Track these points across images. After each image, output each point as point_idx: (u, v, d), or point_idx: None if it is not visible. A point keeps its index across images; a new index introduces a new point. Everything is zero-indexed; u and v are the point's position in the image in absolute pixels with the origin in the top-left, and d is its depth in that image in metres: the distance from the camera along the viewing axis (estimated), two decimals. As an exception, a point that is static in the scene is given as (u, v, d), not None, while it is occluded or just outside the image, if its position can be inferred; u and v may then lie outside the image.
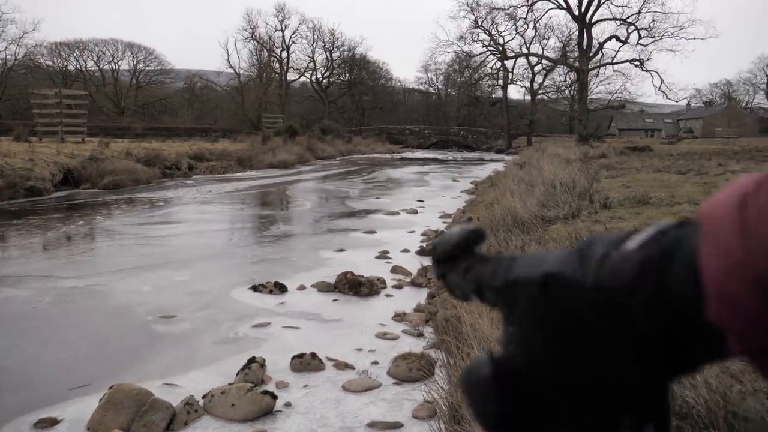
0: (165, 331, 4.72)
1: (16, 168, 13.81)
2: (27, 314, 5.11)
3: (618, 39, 37.84)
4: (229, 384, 3.56)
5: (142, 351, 4.32)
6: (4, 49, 39.84)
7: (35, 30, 57.04)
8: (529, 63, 46.30)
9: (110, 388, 3.33)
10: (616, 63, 39.76)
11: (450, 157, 36.80)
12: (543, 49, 44.69)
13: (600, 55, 39.38)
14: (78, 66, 56.30)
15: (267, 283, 5.91)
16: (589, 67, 38.11)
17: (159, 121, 51.82)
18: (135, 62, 58.08)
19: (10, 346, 4.34)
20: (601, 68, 41.56)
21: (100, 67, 57.49)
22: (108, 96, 55.96)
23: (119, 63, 57.73)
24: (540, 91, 47.97)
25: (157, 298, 5.59)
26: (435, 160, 33.01)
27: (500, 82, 48.90)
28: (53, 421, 3.22)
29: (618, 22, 37.61)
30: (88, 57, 56.59)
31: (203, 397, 3.43)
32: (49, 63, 53.29)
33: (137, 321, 4.96)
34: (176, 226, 9.97)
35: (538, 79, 47.58)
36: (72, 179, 15.52)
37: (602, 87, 47.00)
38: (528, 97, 50.11)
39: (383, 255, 7.59)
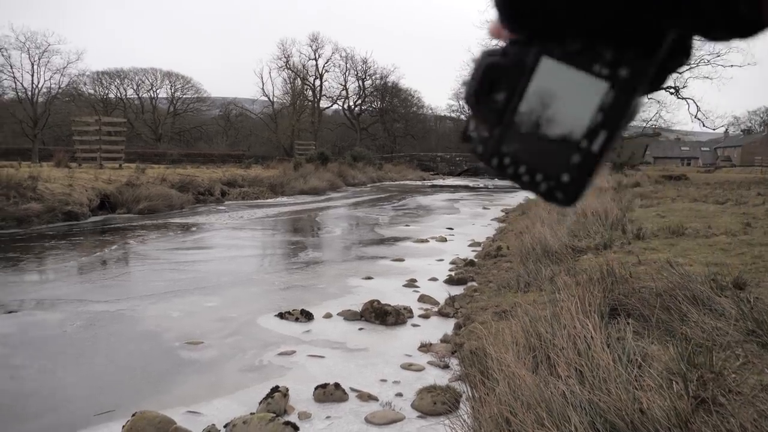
0: (191, 358, 4.74)
1: (55, 193, 14.25)
2: (57, 338, 5.20)
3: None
4: (252, 413, 3.53)
5: (167, 377, 4.33)
6: (49, 79, 41.53)
7: (79, 60, 59.42)
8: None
9: (133, 415, 3.34)
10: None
11: (481, 185, 36.64)
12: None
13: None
14: (118, 94, 58.30)
15: (293, 310, 5.90)
16: (623, 94, 37.80)
17: (194, 147, 53.10)
18: (173, 90, 59.85)
19: (40, 370, 4.42)
20: (636, 96, 41.18)
21: (140, 95, 59.40)
22: (146, 123, 57.66)
23: (158, 91, 59.58)
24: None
25: (185, 324, 5.63)
26: (466, 188, 32.91)
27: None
28: (77, 447, 3.23)
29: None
30: (128, 85, 58.61)
31: (225, 427, 3.41)
32: (91, 91, 55.33)
33: (164, 347, 4.99)
34: (207, 252, 10.10)
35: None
36: (108, 204, 15.93)
37: (637, 115, 46.38)
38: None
39: (411, 283, 7.53)
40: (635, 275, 4.65)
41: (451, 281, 7.61)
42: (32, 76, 40.36)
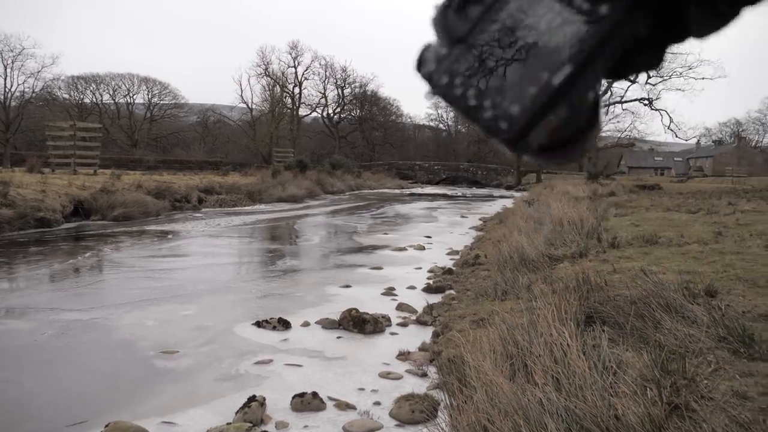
0: (166, 367, 4.67)
1: (27, 199, 13.96)
2: (28, 347, 5.08)
3: (627, 78, 38.25)
4: (228, 423, 3.49)
5: (141, 387, 4.26)
6: (23, 83, 40.82)
7: (53, 64, 58.54)
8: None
9: (106, 426, 3.27)
10: (625, 102, 40.03)
11: (459, 193, 36.87)
12: (552, 87, 45.17)
13: (609, 93, 39.67)
14: (94, 99, 57.48)
15: (271, 319, 5.85)
16: (598, 105, 38.41)
17: (171, 153, 52.54)
18: (150, 96, 59.21)
19: (8, 380, 4.30)
20: (611, 107, 41.86)
21: (116, 100, 58.67)
22: (122, 129, 56.92)
23: (134, 97, 58.91)
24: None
25: (160, 333, 5.55)
26: (444, 196, 33.07)
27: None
28: (47, 459, 3.15)
29: (627, 61, 38.05)
30: (104, 91, 57.84)
31: (200, 437, 3.36)
32: (66, 96, 54.47)
33: (139, 356, 4.91)
34: (184, 259, 9.98)
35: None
36: (82, 211, 15.65)
37: (612, 125, 47.27)
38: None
39: (389, 292, 7.53)
40: (610, 283, 4.72)
41: (429, 289, 7.62)
42: (5, 79, 39.70)
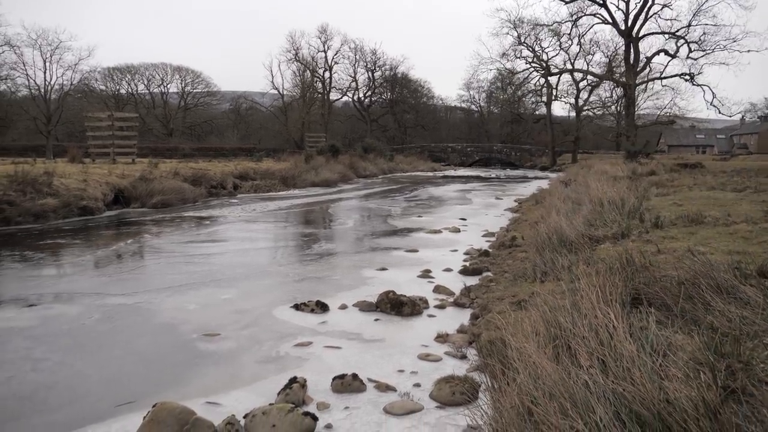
0: (208, 350, 4.75)
1: (70, 188, 14.35)
2: (76, 331, 5.23)
3: (667, 53, 36.71)
4: (270, 404, 3.53)
5: (185, 369, 4.35)
6: (61, 75, 41.74)
7: (90, 56, 59.68)
8: (573, 79, 45.62)
9: (154, 406, 3.34)
10: (665, 77, 38.61)
11: (493, 175, 36.46)
12: (588, 64, 43.92)
13: (648, 69, 38.29)
14: (129, 90, 58.54)
15: (309, 302, 5.90)
16: (637, 82, 37.14)
17: (206, 141, 53.28)
18: (183, 85, 59.99)
19: (60, 362, 4.45)
20: (650, 83, 40.48)
21: (150, 90, 59.62)
22: (157, 118, 57.89)
23: (168, 86, 59.76)
24: (585, 108, 47.11)
25: (201, 316, 5.65)
26: (478, 178, 32.75)
27: (544, 98, 48.29)
28: (98, 438, 3.25)
29: (667, 35, 36.57)
30: (138, 81, 58.82)
31: (244, 417, 3.40)
32: (103, 87, 55.60)
33: (182, 339, 5.01)
34: (221, 245, 10.13)
35: (583, 95, 46.80)
36: (123, 199, 16.03)
37: (650, 102, 45.81)
38: (573, 114, 49.30)
39: (425, 274, 7.50)
40: (655, 264, 4.58)
41: (465, 271, 7.57)
42: (44, 73, 40.62)
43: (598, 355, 2.92)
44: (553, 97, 47.19)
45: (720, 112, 35.53)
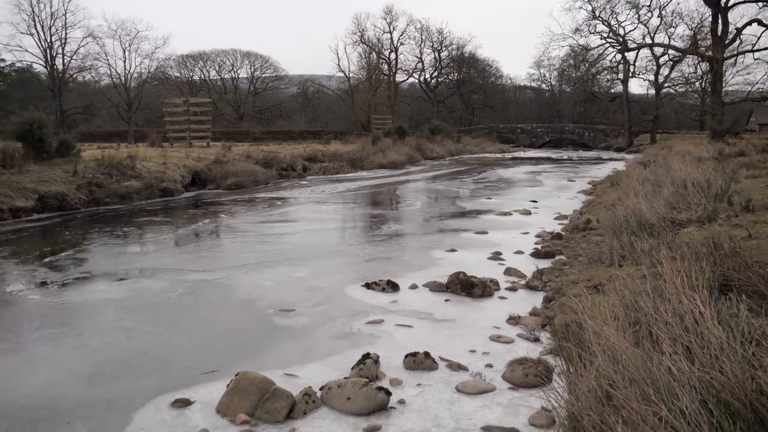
0: (284, 324, 4.92)
1: (151, 171, 15.11)
2: (162, 304, 5.55)
3: (760, 23, 33.99)
4: (345, 378, 3.62)
5: (263, 342, 4.53)
6: (139, 64, 43.78)
7: (165, 45, 62.07)
8: (653, 54, 43.29)
9: (236, 375, 3.51)
10: (758, 50, 35.90)
11: (564, 156, 35.41)
12: (669, 38, 41.44)
13: (738, 42, 35.57)
14: (202, 76, 60.52)
15: (380, 281, 5.98)
16: (725, 55, 34.78)
17: (275, 125, 54.45)
18: (252, 70, 61.38)
19: (149, 332, 4.74)
20: (740, 57, 37.79)
21: (222, 76, 61.40)
22: (229, 103, 59.64)
23: (238, 71, 61.31)
24: (666, 84, 44.66)
25: (276, 293, 5.84)
26: (548, 160, 31.92)
27: (620, 75, 46.09)
28: (187, 402, 3.45)
29: (761, 3, 33.82)
30: (210, 67, 60.66)
31: (321, 389, 3.52)
32: (177, 74, 57.77)
33: (259, 314, 5.21)
34: (293, 225, 10.40)
35: (664, 71, 44.29)
36: (199, 180, 16.72)
37: (740, 78, 42.88)
38: (652, 91, 46.85)
39: (496, 256, 7.42)
40: (746, 249, 4.34)
41: (537, 254, 7.44)
42: (124, 62, 42.62)
43: (682, 342, 2.81)
44: (630, 74, 44.95)
45: (819, 88, 32.82)
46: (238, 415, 3.24)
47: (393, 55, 56.71)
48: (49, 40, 36.47)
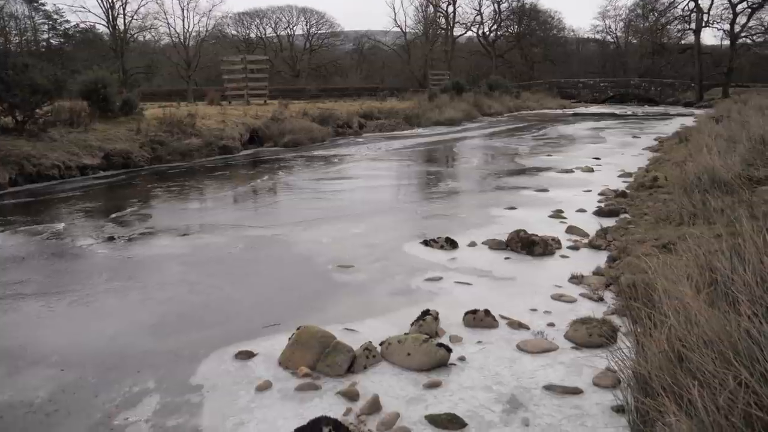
0: (343, 280, 4.96)
1: (211, 129, 15.40)
2: (224, 258, 5.69)
3: None
4: (405, 334, 3.63)
5: (323, 297, 4.59)
6: (197, 22, 44.39)
7: (221, 2, 62.40)
8: (729, 1, 40.38)
9: (298, 328, 3.57)
10: None
11: (629, 112, 33.86)
12: (748, -17, 38.51)
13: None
14: (258, 33, 60.70)
15: (438, 238, 5.93)
16: (810, 1, 32.06)
17: (330, 82, 54.31)
18: (308, 27, 61.07)
19: (212, 286, 4.88)
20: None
21: (278, 33, 61.40)
22: (285, 60, 59.75)
23: (294, 28, 61.15)
24: (743, 34, 41.69)
25: (334, 249, 5.89)
26: (612, 115, 30.61)
27: (692, 25, 43.30)
28: (250, 354, 3.54)
29: None
30: (266, 24, 60.71)
31: (380, 344, 3.54)
32: (234, 32, 58.16)
33: (318, 269, 5.27)
34: (350, 182, 10.42)
35: (741, 19, 41.28)
36: (257, 138, 16.94)
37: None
38: (726, 42, 43.88)
39: (557, 214, 7.22)
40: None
41: (600, 213, 7.19)
42: (183, 20, 43.28)
43: (765, 304, 2.64)
44: (704, 24, 42.17)
45: None
46: (300, 367, 3.31)
47: (451, 8, 55.03)
48: (110, 0, 37.32)
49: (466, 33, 58.87)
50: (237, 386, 3.20)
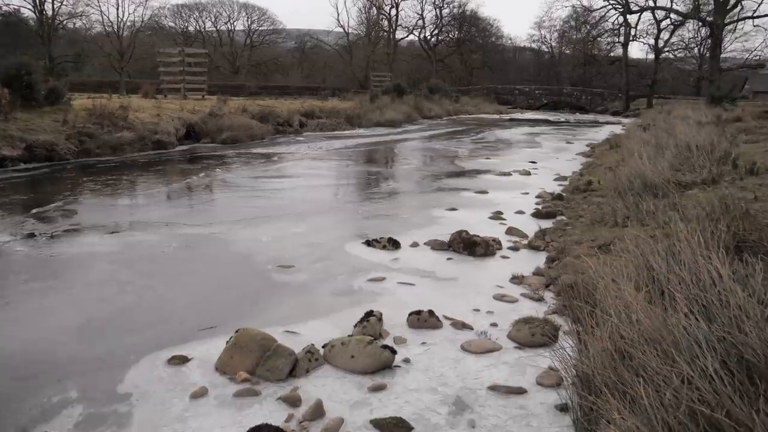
0: (284, 280, 4.82)
1: (144, 122, 14.76)
2: (157, 257, 5.42)
3: (763, -12, 33.44)
4: (349, 336, 3.54)
5: (263, 298, 4.43)
6: (133, 12, 42.68)
7: (159, -9, 60.18)
8: (654, 17, 42.49)
9: (236, 331, 3.41)
10: (758, 17, 35.32)
11: (562, 119, 35.05)
12: (672, 1, 40.72)
13: (739, 8, 35.05)
14: (197, 27, 59.06)
15: (381, 238, 5.87)
16: (726, 21, 34.20)
17: (271, 79, 53.43)
18: (249, 22, 59.94)
19: (144, 286, 4.61)
20: (739, 23, 37.19)
21: (218, 27, 59.94)
22: (224, 56, 58.36)
23: (235, 23, 59.87)
24: (665, 49, 44.04)
25: (274, 248, 5.72)
26: (546, 122, 31.59)
27: (621, 38, 45.36)
28: (184, 359, 3.35)
29: (764, -31, 33.14)
30: (206, 18, 59.17)
31: (323, 347, 3.43)
32: (172, 24, 56.34)
33: (258, 269, 5.10)
34: (290, 180, 10.22)
35: (665, 35, 43.61)
36: (193, 134, 16.39)
37: (738, 44, 42.35)
38: (651, 56, 46.23)
39: (497, 216, 7.32)
40: (754, 212, 4.24)
41: (538, 215, 7.34)
42: (117, 9, 41.51)
43: (700, 302, 2.72)
44: (631, 38, 44.27)
45: (820, 55, 32.45)
46: (239, 372, 3.15)
47: (393, 11, 55.40)
48: (36, -17, 35.27)
49: (408, 36, 59.45)
50: (170, 394, 3.01)
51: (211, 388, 3.06)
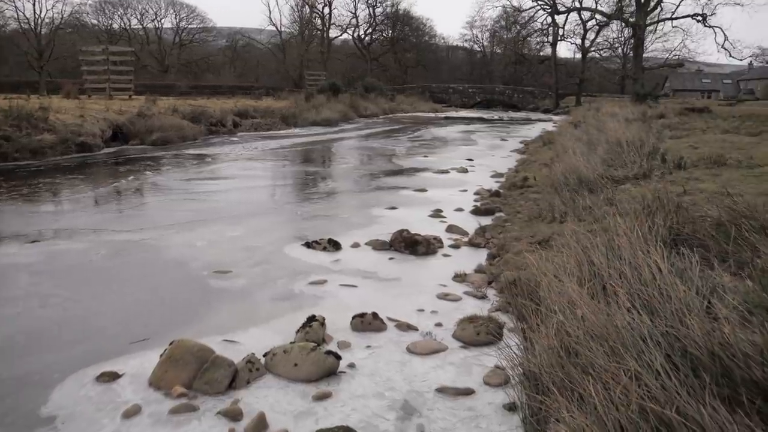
0: (221, 287, 4.61)
1: (67, 124, 13.96)
2: (83, 266, 5.08)
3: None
4: (291, 343, 3.40)
5: (199, 306, 4.21)
6: (51, 8, 40.49)
7: (80, -13, 57.32)
8: (581, 18, 44.29)
9: (171, 343, 3.21)
10: (677, 18, 37.37)
11: (495, 117, 35.86)
12: (597, 3, 42.45)
13: (659, 9, 36.93)
14: (122, 24, 56.73)
15: (320, 240, 5.74)
16: (647, 22, 35.96)
17: (202, 79, 52.03)
18: (178, 20, 58.14)
19: (69, 298, 4.30)
20: (659, 24, 39.26)
21: (144, 25, 57.79)
22: (152, 54, 56.35)
23: (162, 21, 57.92)
24: (592, 49, 45.98)
25: (211, 253, 5.49)
26: (480, 120, 32.22)
27: (550, 38, 46.99)
28: (115, 375, 3.12)
29: (682, -27, 35.14)
30: (131, 15, 56.93)
31: (264, 356, 3.28)
32: (95, 22, 53.86)
33: (193, 275, 4.86)
34: (225, 182, 9.90)
35: (591, 35, 45.52)
36: (121, 135, 15.66)
37: (659, 44, 44.74)
38: (578, 55, 48.14)
39: (437, 214, 7.33)
40: (683, 205, 4.40)
41: (477, 212, 7.40)
42: (33, 5, 39.20)
43: (642, 296, 2.76)
44: (559, 38, 45.89)
45: (731, 56, 34.69)
46: (174, 387, 2.96)
47: (326, 9, 55.09)
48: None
49: (341, 35, 59.33)
50: (100, 414, 2.79)
51: (144, 406, 2.85)
